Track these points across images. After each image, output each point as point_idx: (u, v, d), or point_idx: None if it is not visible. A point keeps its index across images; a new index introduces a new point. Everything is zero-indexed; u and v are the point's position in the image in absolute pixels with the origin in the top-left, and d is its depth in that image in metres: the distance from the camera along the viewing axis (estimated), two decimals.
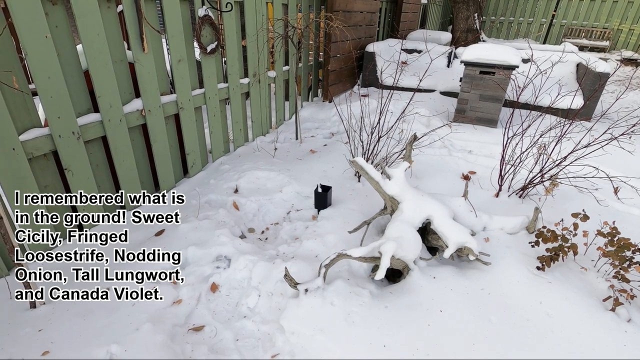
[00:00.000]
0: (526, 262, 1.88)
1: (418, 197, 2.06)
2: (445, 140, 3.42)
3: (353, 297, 1.64)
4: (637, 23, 10.02)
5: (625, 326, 1.55)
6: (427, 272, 1.82)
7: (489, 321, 1.56)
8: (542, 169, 2.35)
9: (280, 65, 3.63)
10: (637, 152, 3.03)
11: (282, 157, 3.21)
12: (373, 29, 5.07)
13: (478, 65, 3.34)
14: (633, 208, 2.46)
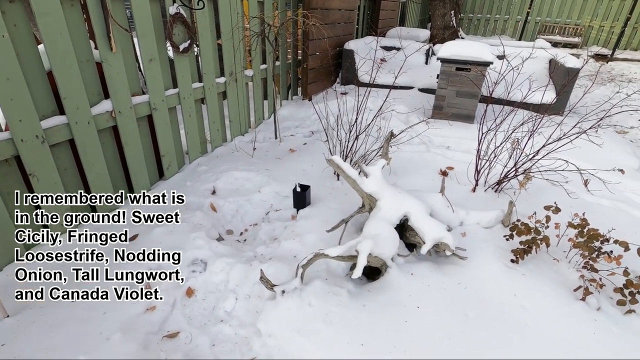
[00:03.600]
0: (501, 256, 1.91)
1: (395, 194, 2.07)
2: (424, 137, 3.45)
3: (331, 297, 1.63)
4: (607, 20, 10.38)
5: (594, 315, 1.59)
6: (405, 268, 1.83)
7: (466, 316, 1.58)
8: (516, 164, 2.39)
9: (257, 63, 3.58)
10: (605, 145, 3.13)
11: (261, 157, 3.17)
12: (352, 26, 5.07)
13: (454, 62, 3.38)
14: (602, 199, 2.54)
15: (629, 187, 2.74)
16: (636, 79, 8.01)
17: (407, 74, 4.48)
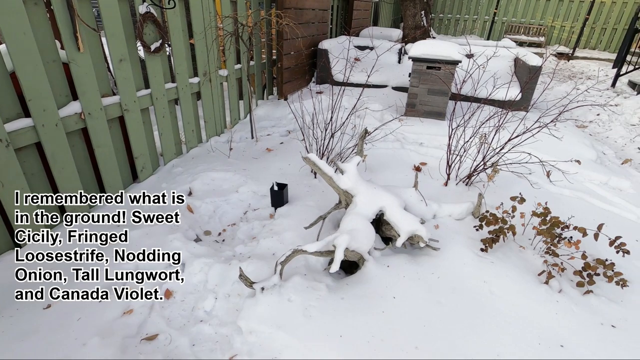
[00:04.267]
0: (472, 245, 2.00)
1: (371, 189, 2.12)
2: (398, 134, 3.54)
3: (310, 292, 1.67)
4: (567, 20, 10.93)
5: (556, 296, 1.70)
6: (382, 261, 1.89)
7: (439, 303, 1.65)
8: (484, 158, 2.51)
9: (231, 63, 3.56)
10: (566, 138, 3.33)
11: (238, 157, 3.17)
12: (325, 26, 5.11)
13: (424, 61, 3.49)
14: (564, 189, 2.70)
15: (588, 177, 2.93)
16: (595, 76, 8.48)
17: (381, 73, 4.57)
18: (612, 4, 10.28)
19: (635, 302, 1.73)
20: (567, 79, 8.19)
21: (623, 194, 2.76)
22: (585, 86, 7.17)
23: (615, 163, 3.35)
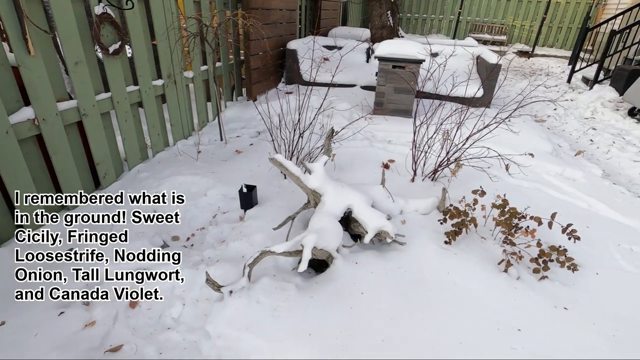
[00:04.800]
0: (436, 239, 2.07)
1: (338, 188, 2.15)
2: (367, 133, 3.60)
3: (279, 292, 1.67)
4: (527, 19, 11.46)
5: (515, 283, 1.79)
6: (350, 258, 1.92)
7: (406, 296, 1.70)
8: (447, 154, 2.60)
9: (197, 65, 3.50)
10: (525, 132, 3.50)
11: (207, 160, 3.12)
12: (294, 26, 5.12)
13: (390, 60, 3.56)
14: (523, 181, 2.84)
15: (545, 169, 3.09)
16: (553, 72, 8.94)
17: (350, 72, 4.62)
18: (566, 4, 10.87)
19: (585, 284, 1.84)
20: (528, 75, 8.59)
21: (576, 183, 2.93)
22: (543, 83, 7.56)
23: (569, 155, 3.56)
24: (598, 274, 1.93)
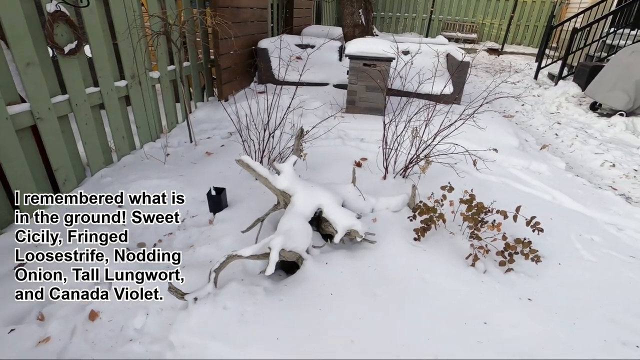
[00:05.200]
0: (407, 236, 2.08)
1: (308, 188, 2.13)
2: (340, 131, 3.60)
3: (247, 297, 1.64)
4: (496, 18, 11.78)
5: (482, 277, 1.83)
6: (321, 259, 1.90)
7: (374, 295, 1.69)
8: (417, 150, 2.62)
9: (164, 64, 3.40)
10: (493, 128, 3.58)
11: (175, 163, 3.03)
12: (265, 25, 5.05)
13: (361, 58, 3.57)
14: (491, 176, 2.91)
15: (512, 163, 3.18)
16: (521, 69, 9.23)
17: (323, 70, 4.60)
18: (532, 3, 11.24)
19: (548, 274, 1.90)
20: (497, 72, 8.83)
21: (541, 176, 3.03)
22: (512, 79, 7.79)
23: (535, 149, 3.67)
24: (560, 264, 1.99)
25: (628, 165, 3.53)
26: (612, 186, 3.21)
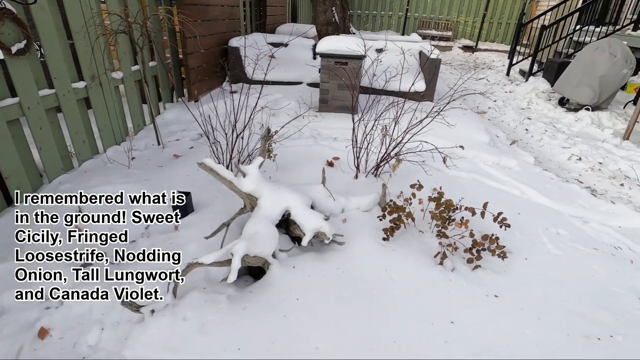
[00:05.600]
0: (376, 235, 2.06)
1: (275, 190, 2.07)
2: (313, 130, 3.55)
3: (209, 306, 1.57)
4: (470, 15, 11.99)
5: (450, 275, 1.82)
6: (288, 262, 1.85)
7: (342, 298, 1.66)
8: (387, 149, 2.60)
9: (127, 64, 3.26)
10: (464, 124, 3.62)
11: (141, 167, 2.91)
12: (236, 23, 4.94)
13: (332, 57, 3.53)
14: (462, 172, 2.93)
15: (482, 159, 3.21)
16: (494, 65, 9.43)
17: (296, 69, 4.54)
18: (504, 1, 11.49)
19: (515, 270, 1.91)
20: (472, 69, 8.99)
21: (511, 172, 3.07)
22: (485, 75, 7.94)
23: (505, 145, 3.73)
24: (527, 259, 2.01)
25: (593, 159, 3.63)
26: (578, 179, 3.30)
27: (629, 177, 3.29)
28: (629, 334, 1.57)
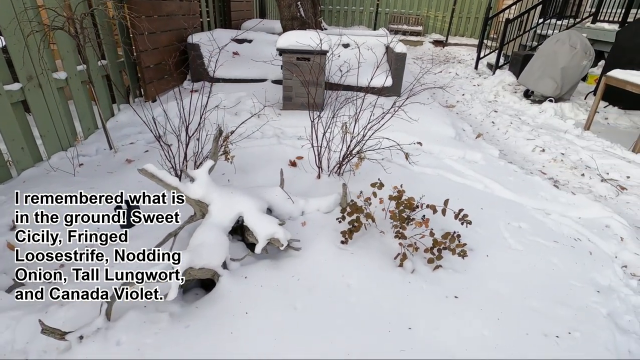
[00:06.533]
0: (335, 238, 1.97)
1: (227, 195, 1.95)
2: (276, 129, 3.43)
3: (148, 327, 1.43)
4: (440, 10, 12.10)
5: (409, 277, 1.75)
6: (240, 272, 1.73)
7: (295, 309, 1.56)
8: (349, 146, 2.52)
9: (72, 64, 3.02)
10: (430, 119, 3.58)
11: (88, 174, 2.71)
12: (195, 18, 4.73)
13: (293, 52, 3.41)
14: (426, 168, 2.88)
15: (448, 154, 3.18)
16: (464, 59, 9.55)
17: (260, 66, 4.39)
18: None
19: (476, 268, 1.87)
20: (442, 63, 9.07)
21: (476, 165, 3.05)
22: (461, 69, 8.01)
23: (471, 138, 3.72)
24: (488, 255, 1.97)
25: (556, 150, 3.68)
26: (542, 171, 3.33)
27: (590, 167, 3.35)
28: (586, 330, 1.55)
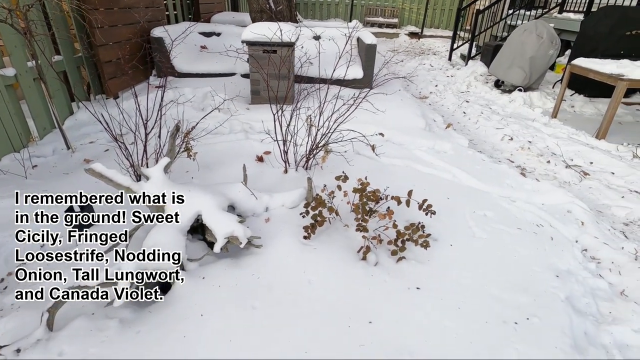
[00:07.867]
0: (299, 234, 1.92)
1: (185, 193, 1.87)
2: (244, 124, 3.35)
3: (94, 335, 1.36)
4: (415, 2, 12.13)
5: (372, 270, 1.73)
6: (198, 273, 1.67)
7: (253, 309, 1.51)
8: (315, 139, 2.47)
9: (20, 60, 2.85)
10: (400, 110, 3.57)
11: (42, 176, 2.57)
12: (159, 11, 4.55)
13: (259, 45, 3.32)
14: (395, 159, 2.87)
15: (417, 145, 3.18)
16: (439, 51, 9.62)
17: (229, 60, 4.27)
18: None
19: (439, 258, 1.86)
20: (417, 55, 9.10)
21: (445, 155, 3.06)
22: (435, 61, 8.05)
23: (441, 129, 3.74)
24: (452, 245, 1.97)
25: (524, 138, 3.74)
26: (509, 159, 3.37)
27: (555, 153, 3.41)
28: (544, 315, 1.57)
